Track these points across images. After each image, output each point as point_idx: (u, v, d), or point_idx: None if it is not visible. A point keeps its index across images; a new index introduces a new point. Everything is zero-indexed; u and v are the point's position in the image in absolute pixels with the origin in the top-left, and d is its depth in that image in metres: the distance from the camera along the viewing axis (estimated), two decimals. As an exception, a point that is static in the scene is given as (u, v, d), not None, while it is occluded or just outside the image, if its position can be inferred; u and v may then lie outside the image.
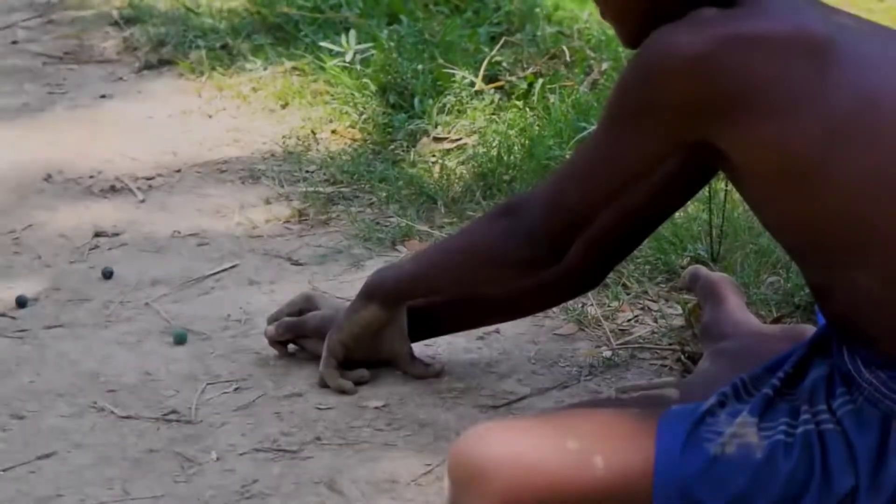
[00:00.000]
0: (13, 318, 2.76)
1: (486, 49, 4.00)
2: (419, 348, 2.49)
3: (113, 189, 3.44)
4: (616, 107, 1.91)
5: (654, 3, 1.90)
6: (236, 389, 2.44)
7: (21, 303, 2.80)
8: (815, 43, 1.79)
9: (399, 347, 2.40)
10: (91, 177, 3.53)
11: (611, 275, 2.66)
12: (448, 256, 2.26)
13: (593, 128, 1.99)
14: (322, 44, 4.03)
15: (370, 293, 2.34)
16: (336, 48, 3.95)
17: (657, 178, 2.19)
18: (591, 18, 4.54)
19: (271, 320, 2.52)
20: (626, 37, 1.98)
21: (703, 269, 2.52)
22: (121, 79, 4.36)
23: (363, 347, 2.38)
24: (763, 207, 1.92)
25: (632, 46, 1.98)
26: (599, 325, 2.60)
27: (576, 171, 2.00)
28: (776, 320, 2.51)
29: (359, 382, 2.40)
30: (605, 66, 3.93)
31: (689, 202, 2.49)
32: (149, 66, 4.43)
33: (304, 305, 2.50)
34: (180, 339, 2.61)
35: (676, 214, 2.84)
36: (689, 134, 1.85)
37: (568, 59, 3.97)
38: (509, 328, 2.59)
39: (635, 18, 1.93)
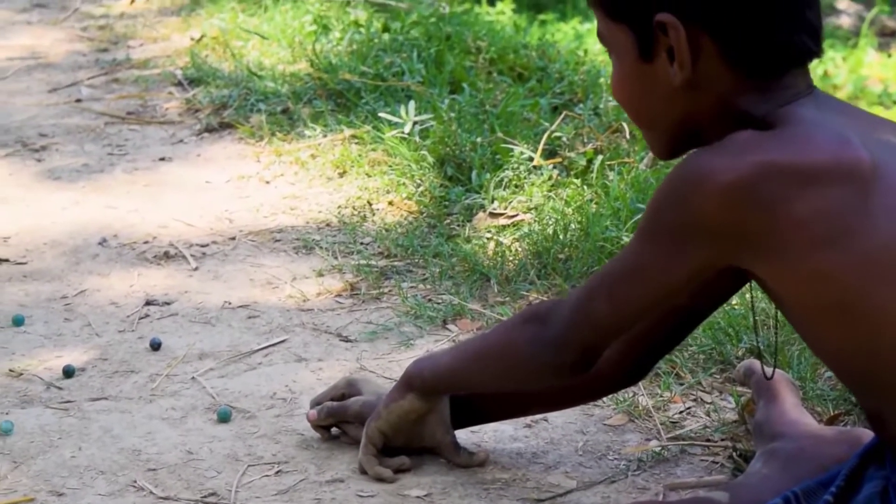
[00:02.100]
0: (59, 388, 2.75)
1: (547, 122, 3.97)
2: (464, 434, 2.44)
3: (167, 255, 3.43)
4: (651, 224, 1.88)
5: (689, 115, 1.87)
6: (278, 472, 2.41)
7: (68, 373, 2.79)
8: (856, 171, 1.74)
9: (441, 437, 2.36)
10: (146, 242, 3.52)
11: (663, 364, 2.63)
12: (480, 356, 2.23)
13: (627, 241, 1.95)
14: (381, 114, 4.01)
15: (409, 383, 2.31)
16: (395, 119, 3.93)
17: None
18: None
19: (314, 404, 2.49)
20: (657, 147, 1.96)
21: (757, 364, 2.46)
22: (181, 141, 4.36)
23: (403, 435, 2.35)
24: (806, 334, 1.88)
25: (663, 157, 1.96)
26: (650, 417, 2.54)
27: (607, 284, 1.97)
28: (832, 419, 2.44)
29: (399, 470, 2.35)
30: (666, 142, 3.89)
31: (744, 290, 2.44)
32: (210, 129, 4.43)
33: (347, 390, 2.47)
34: (224, 418, 2.58)
35: (733, 301, 2.80)
36: (724, 259, 1.82)
37: (628, 134, 3.93)
38: (558, 417, 2.54)
39: (669, 128, 1.91)
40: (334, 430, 2.49)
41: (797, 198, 1.73)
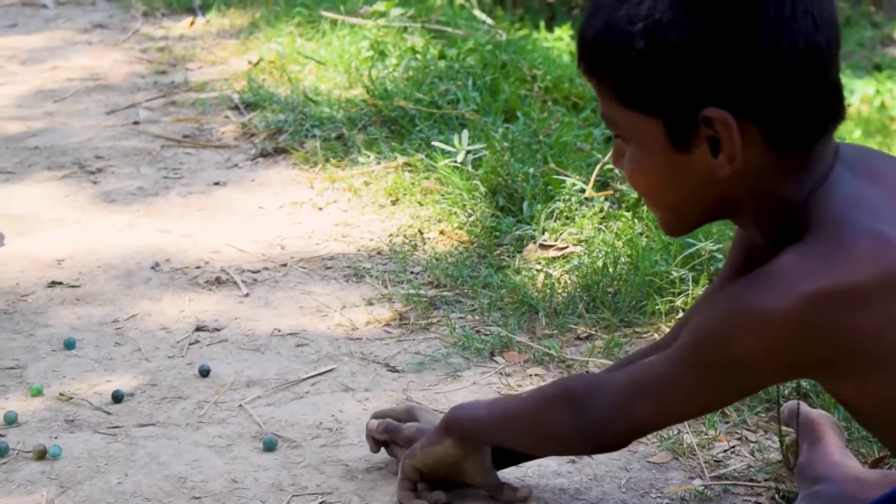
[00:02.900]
0: (108, 413, 2.77)
1: (600, 153, 3.97)
2: (508, 468, 2.44)
3: (218, 281, 3.46)
4: (699, 356, 1.87)
5: (722, 200, 1.84)
6: (322, 503, 2.42)
7: (117, 398, 2.82)
8: None
9: (481, 480, 2.36)
10: (198, 267, 3.55)
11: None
12: (516, 421, 2.24)
13: (674, 351, 1.95)
14: (435, 143, 4.02)
15: (448, 428, 2.31)
16: (448, 148, 3.94)
17: None
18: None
19: (377, 416, 2.51)
20: (674, 228, 1.94)
21: (803, 406, 2.45)
22: (236, 166, 4.40)
23: (440, 474, 2.35)
24: (874, 432, 1.91)
25: (676, 235, 1.95)
26: (694, 455, 2.53)
27: (654, 392, 1.97)
28: (877, 462, 2.43)
29: None
30: (719, 175, 3.88)
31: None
32: (264, 154, 4.46)
33: (405, 416, 2.48)
34: (270, 446, 2.59)
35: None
36: (779, 381, 1.85)
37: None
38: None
39: (697, 214, 1.89)
40: (386, 453, 2.50)
41: (852, 321, 1.71)
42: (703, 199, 1.85)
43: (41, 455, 2.56)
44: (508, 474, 2.44)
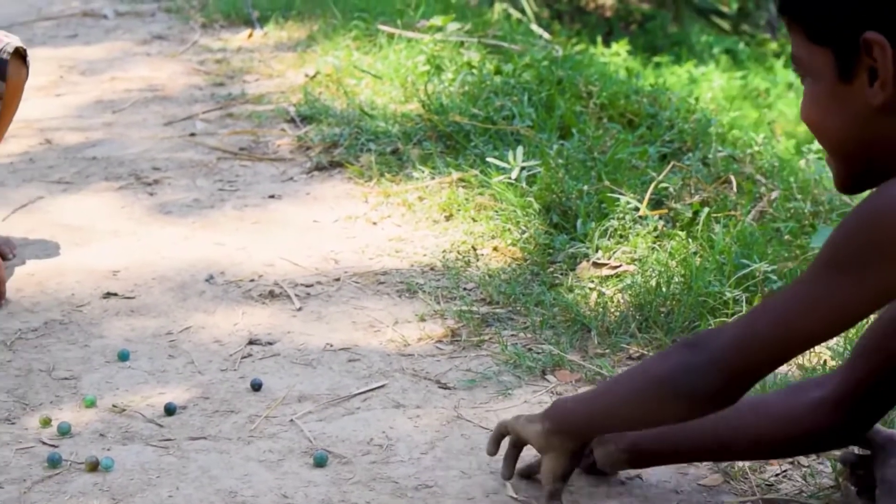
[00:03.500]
0: (160, 425, 2.78)
1: (655, 171, 3.97)
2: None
3: (272, 295, 3.47)
4: (834, 254, 1.91)
5: (879, 141, 1.91)
6: (371, 520, 2.42)
7: (169, 410, 2.83)
8: None
9: (548, 481, 2.37)
10: (251, 280, 3.56)
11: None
12: (624, 380, 2.27)
13: (800, 276, 1.98)
14: (489, 159, 4.02)
15: (547, 411, 2.37)
16: (502, 164, 3.94)
17: None
18: (765, 142, 4.48)
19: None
20: (840, 175, 1.99)
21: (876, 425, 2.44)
22: (291, 179, 4.41)
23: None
24: None
25: (845, 188, 1.99)
26: (746, 478, 2.52)
27: (775, 312, 1.99)
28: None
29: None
30: (774, 194, 3.87)
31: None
32: (320, 168, 4.48)
33: None
34: (321, 462, 2.60)
35: (831, 364, 2.77)
36: None
37: (736, 186, 3.91)
38: (652, 475, 2.53)
39: (856, 153, 1.95)
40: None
41: None
42: (861, 136, 1.93)
43: (93, 467, 2.58)
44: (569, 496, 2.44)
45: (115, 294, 3.48)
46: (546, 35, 7.93)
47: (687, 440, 2.39)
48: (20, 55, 3.73)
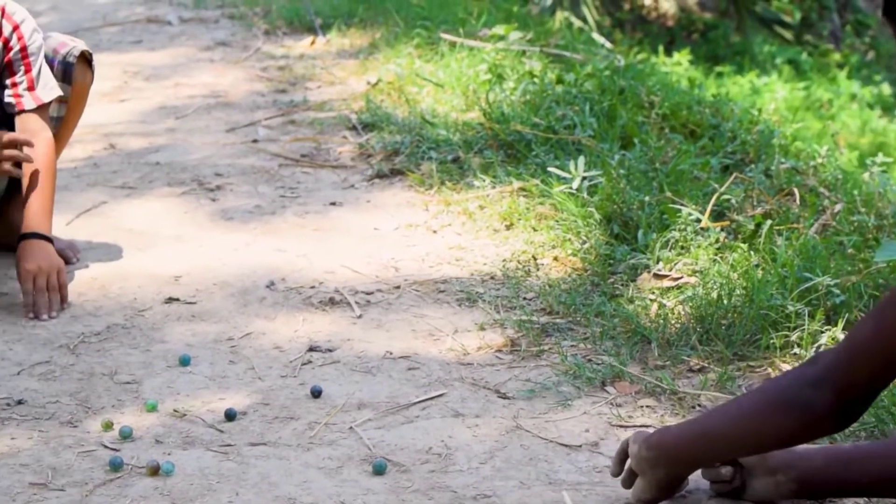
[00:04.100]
0: (220, 431, 2.80)
1: (717, 182, 3.95)
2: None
3: (332, 302, 3.48)
4: None
5: None
6: (429, 529, 2.43)
7: (230, 416, 2.85)
8: None
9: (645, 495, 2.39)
10: (312, 287, 3.58)
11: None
12: (736, 401, 2.29)
13: None
14: (550, 169, 4.02)
15: (649, 434, 2.37)
16: (564, 174, 3.94)
17: None
18: (828, 154, 4.45)
19: None
20: None
21: None
22: (352, 186, 4.43)
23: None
24: None
25: None
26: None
27: (873, 319, 2.01)
28: None
29: None
30: (837, 207, 3.84)
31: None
32: (380, 175, 4.49)
33: None
34: (379, 470, 2.60)
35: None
36: None
37: (798, 199, 3.89)
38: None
39: None
40: None
41: None
42: None
43: (154, 471, 2.60)
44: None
45: (177, 299, 3.50)
46: (607, 44, 7.91)
47: (869, 470, 2.33)
48: (86, 59, 3.77)
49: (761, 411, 2.20)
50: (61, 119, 3.75)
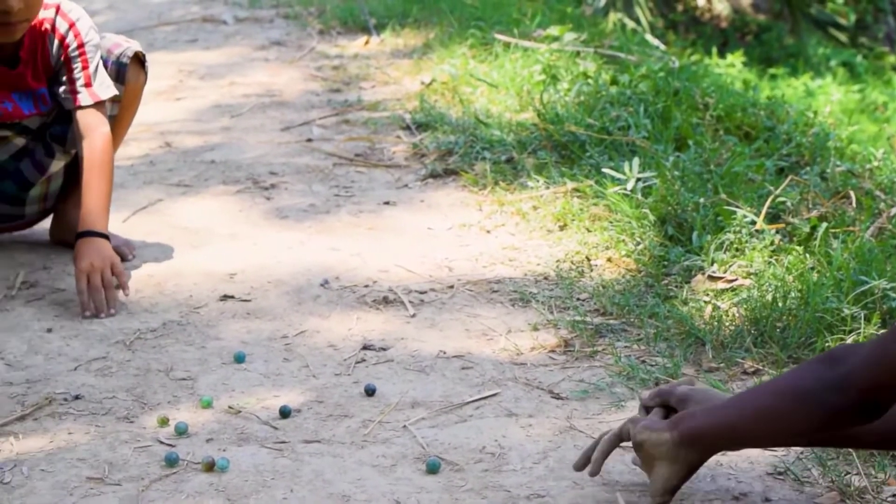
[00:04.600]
0: (275, 428, 2.81)
1: (772, 185, 3.93)
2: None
3: (385, 301, 3.49)
4: None
5: None
6: (482, 528, 2.43)
7: (284, 413, 2.86)
8: None
9: (658, 488, 2.38)
10: (366, 286, 3.59)
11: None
12: (765, 392, 2.27)
13: None
14: (605, 170, 4.02)
15: (677, 422, 2.36)
16: (618, 175, 3.93)
17: None
18: (884, 157, 4.43)
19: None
20: None
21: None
22: (406, 186, 4.44)
23: (639, 455, 2.43)
24: None
25: None
26: (863, 497, 2.49)
27: None
28: None
29: None
30: (894, 210, 3.82)
31: None
32: (434, 175, 4.50)
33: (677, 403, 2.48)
34: (433, 469, 2.61)
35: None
36: None
37: (854, 201, 3.87)
38: (768, 491, 2.51)
39: None
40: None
41: None
42: None
43: (210, 467, 2.61)
44: None
45: (232, 297, 3.52)
46: (661, 45, 7.89)
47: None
48: (139, 60, 3.79)
49: (787, 415, 2.22)
50: (114, 118, 3.77)
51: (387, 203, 4.27)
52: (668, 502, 2.38)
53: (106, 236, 3.54)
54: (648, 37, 8.35)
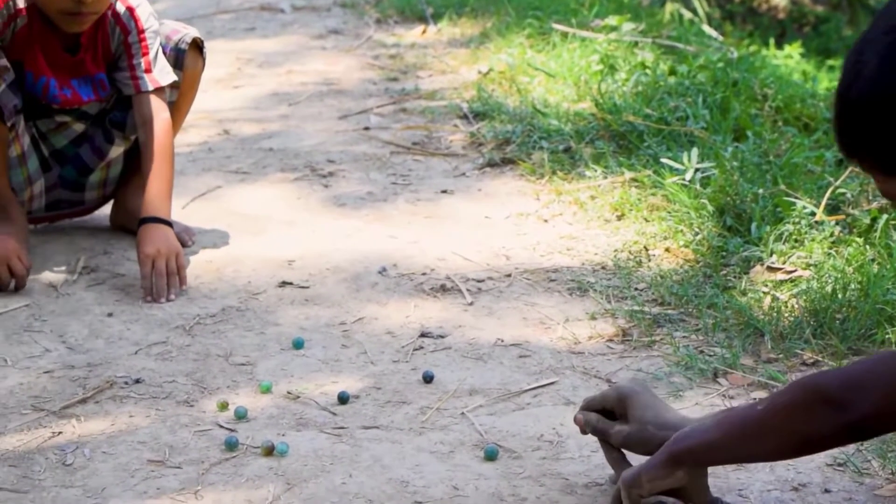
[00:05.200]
0: (333, 413, 2.83)
1: (831, 176, 3.91)
2: (732, 497, 2.43)
3: (443, 288, 3.50)
4: None
5: None
6: (541, 516, 2.43)
7: (343, 399, 2.88)
8: None
9: (700, 499, 2.35)
10: (423, 274, 3.60)
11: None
12: (759, 435, 2.22)
13: None
14: (663, 160, 4.01)
15: (678, 460, 2.28)
16: (677, 165, 3.92)
17: None
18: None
19: (584, 408, 2.50)
20: None
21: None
22: (463, 174, 4.44)
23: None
24: None
25: None
26: (923, 490, 2.48)
27: None
28: None
29: None
30: (955, 203, 3.78)
31: None
32: (492, 164, 4.50)
33: (617, 406, 2.45)
34: (491, 456, 2.62)
35: None
36: None
37: (916, 194, 3.84)
38: (828, 482, 2.50)
39: None
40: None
41: None
42: None
43: (269, 451, 2.63)
44: (729, 498, 2.42)
45: (291, 283, 3.54)
46: (718, 36, 7.85)
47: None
48: (197, 46, 3.82)
49: (789, 451, 2.26)
50: (173, 104, 3.80)
51: (444, 191, 4.28)
52: (713, 499, 2.38)
53: (170, 223, 3.57)
54: (705, 27, 8.31)
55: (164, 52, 3.73)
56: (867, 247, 3.42)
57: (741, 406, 2.38)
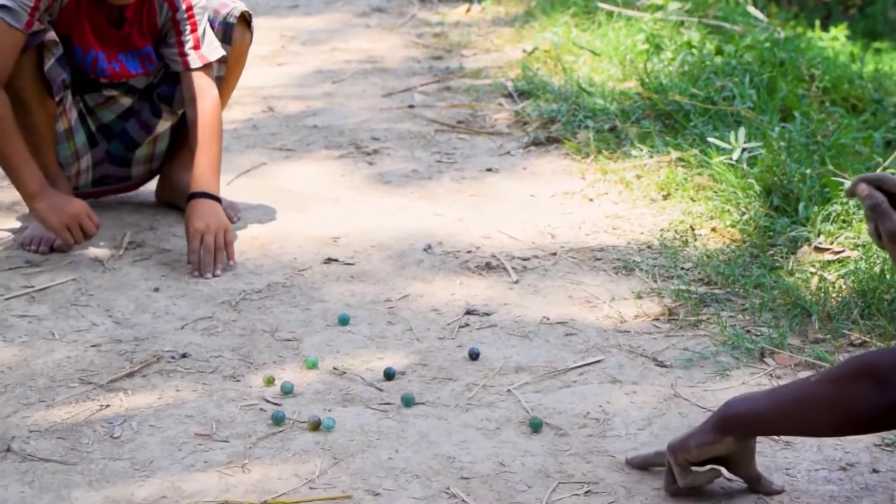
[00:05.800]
0: (380, 389, 2.83)
1: (880, 157, 3.89)
2: (778, 477, 2.42)
3: (488, 266, 3.50)
4: None
5: None
6: (587, 493, 2.43)
7: (389, 375, 2.88)
8: None
9: (745, 472, 2.36)
10: (469, 252, 3.59)
11: None
12: (806, 408, 2.24)
13: None
14: (710, 139, 3.99)
15: (727, 427, 2.30)
16: (723, 145, 3.90)
17: None
18: None
19: (868, 180, 2.35)
20: None
21: None
22: (508, 153, 4.43)
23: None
24: None
25: None
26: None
27: None
28: None
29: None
30: None
31: None
32: (536, 143, 4.49)
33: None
34: (536, 427, 2.62)
35: None
36: None
37: (966, 175, 3.81)
38: (876, 462, 2.49)
39: None
40: None
41: None
42: None
43: (315, 426, 2.64)
44: (780, 482, 2.42)
45: (336, 260, 3.54)
46: (763, 17, 7.80)
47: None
48: (245, 20, 3.81)
49: (836, 428, 2.28)
50: (221, 79, 3.80)
51: (489, 170, 4.27)
52: (758, 474, 2.38)
53: (218, 199, 3.57)
54: (751, 8, 8.25)
55: (213, 27, 3.73)
56: (916, 228, 3.39)
57: (795, 380, 2.38)
